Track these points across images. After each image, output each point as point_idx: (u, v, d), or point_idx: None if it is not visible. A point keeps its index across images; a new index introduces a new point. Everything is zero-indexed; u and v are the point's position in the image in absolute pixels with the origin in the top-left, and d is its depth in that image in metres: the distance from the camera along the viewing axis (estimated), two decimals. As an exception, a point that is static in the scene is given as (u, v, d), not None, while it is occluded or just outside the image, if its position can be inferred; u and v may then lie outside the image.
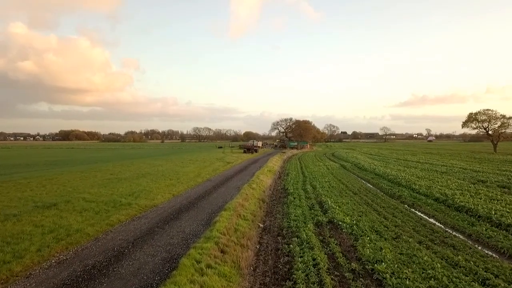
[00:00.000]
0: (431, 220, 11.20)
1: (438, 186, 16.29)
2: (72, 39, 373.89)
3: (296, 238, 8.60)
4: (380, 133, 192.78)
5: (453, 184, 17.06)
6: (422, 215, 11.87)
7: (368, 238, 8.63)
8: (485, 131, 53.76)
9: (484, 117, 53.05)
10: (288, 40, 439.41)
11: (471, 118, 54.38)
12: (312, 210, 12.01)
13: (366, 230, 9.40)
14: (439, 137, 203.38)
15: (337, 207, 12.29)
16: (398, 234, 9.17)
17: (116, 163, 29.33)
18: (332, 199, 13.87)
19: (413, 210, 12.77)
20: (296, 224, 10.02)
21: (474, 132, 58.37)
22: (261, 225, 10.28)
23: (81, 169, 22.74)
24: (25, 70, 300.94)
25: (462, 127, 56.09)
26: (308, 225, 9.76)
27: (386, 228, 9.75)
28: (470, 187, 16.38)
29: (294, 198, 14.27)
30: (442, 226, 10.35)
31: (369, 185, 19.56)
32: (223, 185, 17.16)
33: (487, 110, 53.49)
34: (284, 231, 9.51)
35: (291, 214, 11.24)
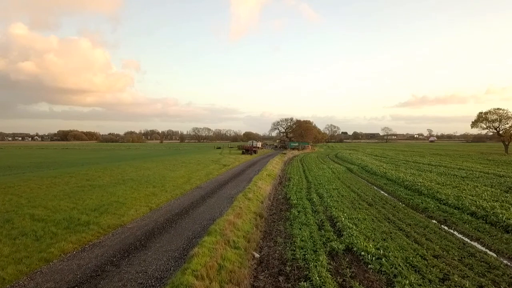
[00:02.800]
0: (478, 245, 8.66)
1: (469, 196, 13.74)
2: (73, 40, 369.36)
3: (305, 282, 6.07)
4: (381, 133, 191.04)
5: (485, 193, 14.51)
6: (463, 237, 9.34)
7: (407, 280, 6.09)
8: (495, 131, 51.22)
9: (494, 117, 50.51)
10: (288, 41, 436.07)
11: (481, 118, 51.83)
12: (323, 231, 9.47)
13: (399, 265, 6.87)
14: (440, 137, 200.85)
15: (353, 226, 9.76)
16: (445, 271, 6.64)
17: (101, 166, 26.82)
18: (345, 214, 11.35)
19: (446, 228, 10.27)
20: (304, 255, 7.49)
21: (484, 132, 55.72)
22: (257, 255, 7.75)
23: (58, 173, 20.19)
24: (26, 71, 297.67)
25: (472, 127, 53.60)
26: (320, 257, 7.22)
27: (424, 261, 7.21)
28: (506, 196, 13.84)
29: (299, 212, 11.73)
30: (497, 256, 7.81)
31: (383, 193, 17.03)
32: (214, 194, 14.63)
33: (498, 109, 50.99)
34: (287, 267, 6.97)
35: (296, 238, 8.71)
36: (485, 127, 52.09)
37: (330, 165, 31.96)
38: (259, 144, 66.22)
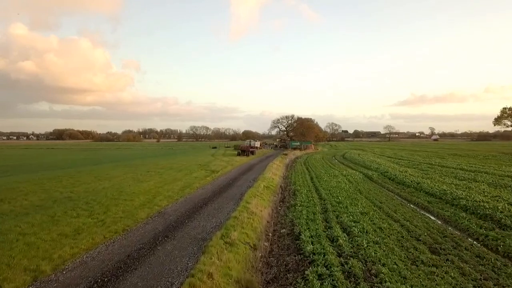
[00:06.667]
0: None
1: None
2: (73, 40, 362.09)
3: None
4: (383, 131, 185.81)
5: None
6: None
7: None
8: (522, 129, 45.83)
9: (521, 113, 45.03)
10: (288, 41, 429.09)
11: (505, 114, 46.33)
12: None
13: None
14: (443, 135, 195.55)
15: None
16: None
17: (56, 172, 21.46)
18: (408, 287, 5.90)
19: None
20: None
21: (510, 129, 50.19)
22: None
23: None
24: (26, 71, 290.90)
25: (494, 124, 47.96)
26: None
27: None
28: None
29: (322, 281, 6.25)
30: None
31: (434, 219, 11.59)
32: (177, 232, 9.12)
33: (524, 104, 45.52)
34: None
35: None
36: (509, 124, 46.62)
37: (342, 171, 26.45)
38: (258, 144, 60.49)
